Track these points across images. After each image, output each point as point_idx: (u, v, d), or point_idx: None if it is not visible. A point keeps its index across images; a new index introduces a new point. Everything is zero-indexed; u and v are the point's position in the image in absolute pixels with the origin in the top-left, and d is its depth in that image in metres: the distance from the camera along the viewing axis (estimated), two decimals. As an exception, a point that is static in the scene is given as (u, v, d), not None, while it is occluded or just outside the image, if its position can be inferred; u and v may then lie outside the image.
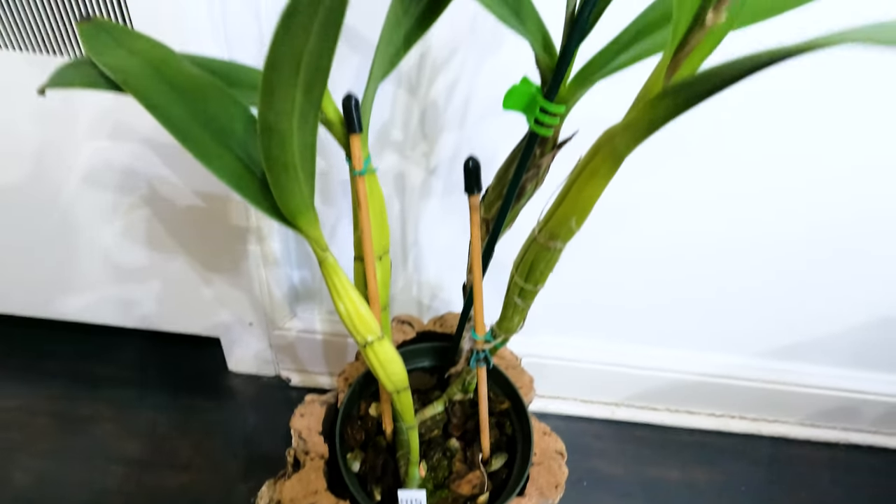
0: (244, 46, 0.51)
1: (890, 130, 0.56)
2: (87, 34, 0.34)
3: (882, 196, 0.62)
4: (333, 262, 0.33)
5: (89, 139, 0.59)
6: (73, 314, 0.78)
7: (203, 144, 0.31)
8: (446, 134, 0.59)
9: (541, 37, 0.31)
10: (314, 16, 0.22)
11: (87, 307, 0.77)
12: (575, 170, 0.25)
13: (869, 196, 0.62)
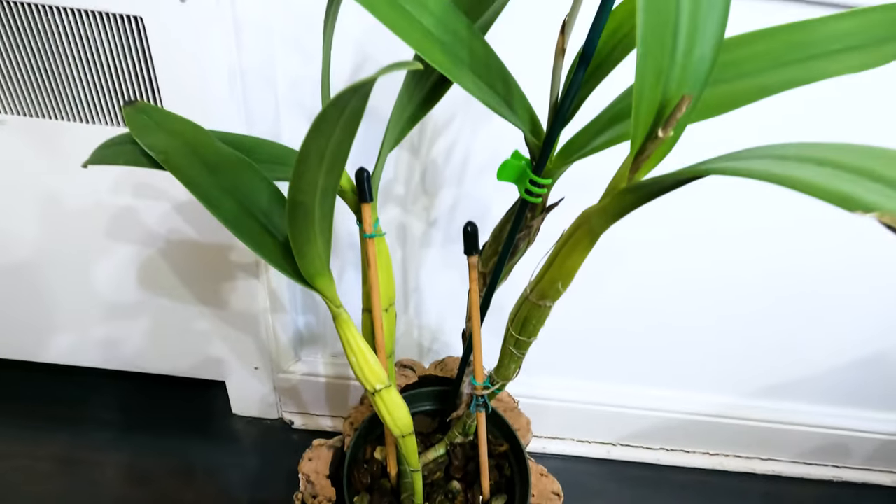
0: (263, 116, 0.57)
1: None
2: (131, 116, 0.39)
3: (857, 242, 0.66)
4: (347, 318, 0.37)
5: (114, 193, 0.63)
6: (78, 359, 0.81)
7: (232, 214, 0.36)
8: (445, 190, 0.64)
9: (529, 121, 0.36)
10: (339, 119, 0.27)
11: (95, 352, 0.80)
12: (559, 242, 0.29)
13: (845, 242, 0.66)
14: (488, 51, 0.35)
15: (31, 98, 0.56)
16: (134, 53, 0.52)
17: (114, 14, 0.50)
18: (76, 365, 0.81)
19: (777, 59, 0.31)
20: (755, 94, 0.30)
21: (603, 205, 0.25)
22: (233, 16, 0.50)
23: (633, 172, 0.23)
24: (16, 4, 0.50)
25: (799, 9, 0.49)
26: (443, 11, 0.33)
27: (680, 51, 0.21)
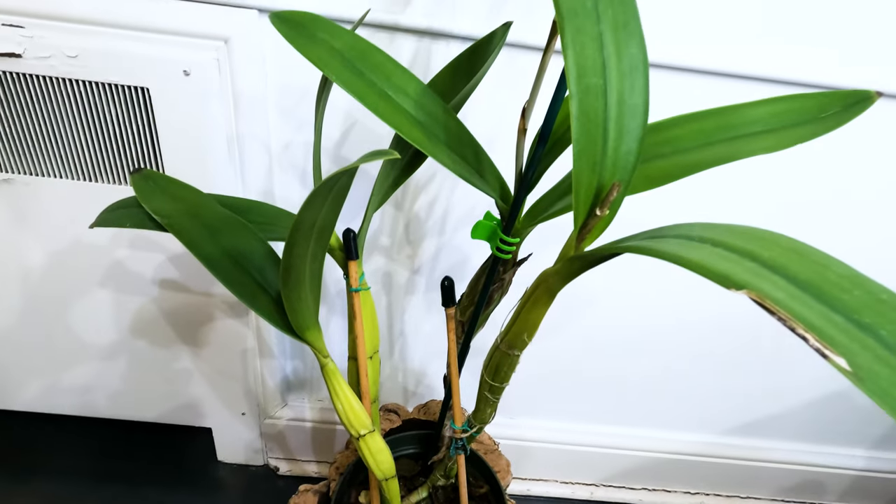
0: (256, 176, 0.61)
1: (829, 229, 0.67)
2: (138, 183, 0.42)
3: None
4: (333, 368, 0.40)
5: (110, 245, 0.66)
6: (55, 405, 0.81)
7: (229, 273, 0.39)
8: (428, 240, 0.68)
9: (499, 188, 0.41)
10: (328, 195, 0.31)
11: (74, 399, 0.80)
12: (522, 298, 0.33)
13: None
14: (461, 128, 0.40)
15: (38, 159, 0.60)
16: (138, 120, 0.57)
17: (122, 85, 0.55)
18: (53, 413, 0.82)
19: (707, 138, 0.36)
20: (689, 169, 0.35)
21: (557, 268, 0.29)
22: (232, 88, 0.55)
23: (579, 243, 0.27)
24: (31, 76, 0.54)
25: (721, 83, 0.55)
26: (420, 95, 0.38)
27: (610, 146, 0.25)
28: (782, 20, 0.52)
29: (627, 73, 0.25)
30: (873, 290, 0.19)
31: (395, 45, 0.54)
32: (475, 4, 0.51)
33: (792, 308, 0.18)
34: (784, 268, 0.20)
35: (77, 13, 0.51)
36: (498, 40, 0.42)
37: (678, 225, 0.24)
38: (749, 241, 0.21)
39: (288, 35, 0.36)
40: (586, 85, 0.24)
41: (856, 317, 0.18)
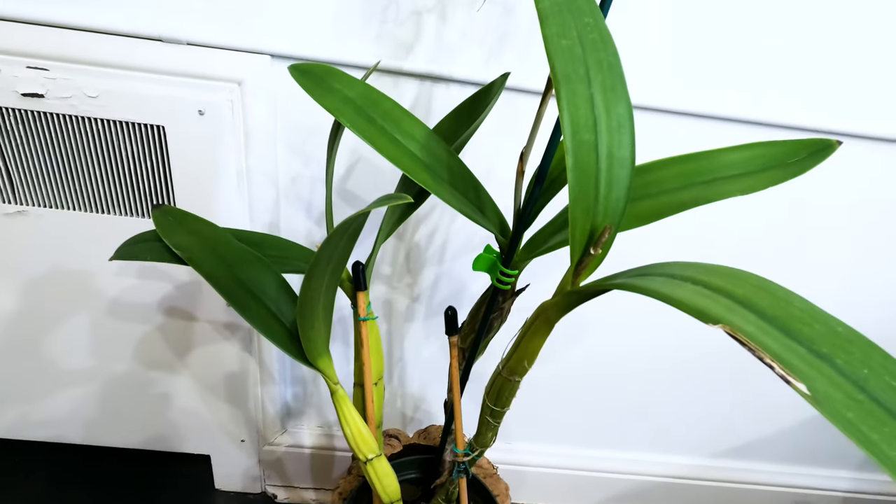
0: (264, 208, 0.64)
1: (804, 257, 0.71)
2: (158, 218, 0.45)
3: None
4: (343, 394, 0.42)
5: (118, 275, 0.68)
6: (55, 434, 0.81)
7: (246, 304, 0.41)
8: (427, 269, 0.70)
9: (498, 223, 0.44)
10: (343, 236, 0.33)
11: (78, 427, 0.81)
12: (523, 328, 0.36)
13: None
14: (463, 168, 0.43)
15: (52, 191, 0.62)
16: (152, 155, 0.60)
17: (138, 123, 0.58)
18: (52, 442, 0.82)
19: (689, 179, 0.40)
20: (674, 209, 0.38)
21: (555, 301, 0.32)
22: (244, 126, 0.58)
23: (575, 278, 0.30)
24: (52, 115, 0.57)
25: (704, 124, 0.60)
26: (426, 139, 0.42)
27: (601, 194, 0.28)
28: (755, 69, 0.57)
29: (616, 129, 0.28)
30: (830, 324, 0.22)
31: (399, 89, 0.58)
32: (473, 52, 0.55)
33: (760, 340, 0.20)
34: (754, 303, 0.23)
35: (100, 57, 0.54)
36: (497, 89, 0.45)
37: (663, 263, 0.27)
38: (724, 280, 0.24)
39: (306, 86, 0.39)
40: (580, 141, 0.27)
41: (815, 347, 0.21)
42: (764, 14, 0.54)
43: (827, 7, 0.54)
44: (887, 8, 0.54)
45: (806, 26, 0.55)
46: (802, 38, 0.56)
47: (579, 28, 0.29)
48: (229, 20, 0.53)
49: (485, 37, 0.55)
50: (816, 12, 0.54)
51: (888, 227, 0.68)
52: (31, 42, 0.54)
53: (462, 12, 0.54)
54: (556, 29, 0.28)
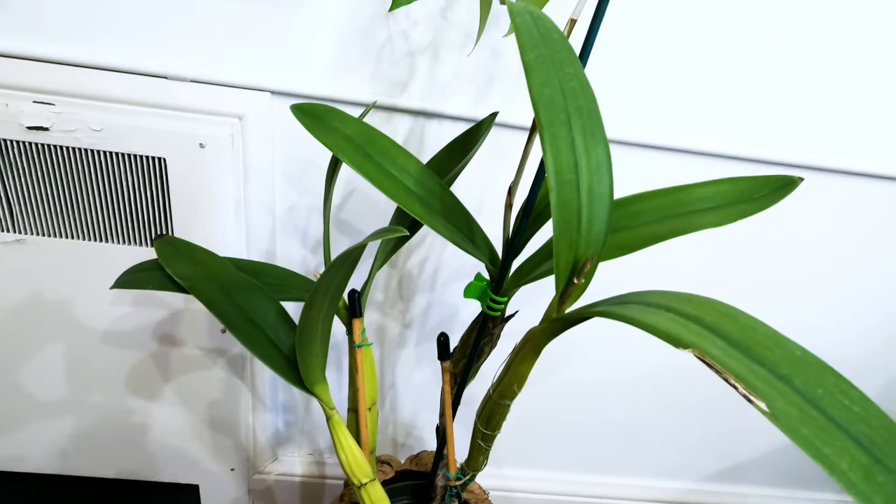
0: (260, 237, 0.65)
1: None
2: (160, 248, 0.47)
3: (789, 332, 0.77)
4: (338, 419, 0.43)
5: (114, 303, 0.68)
6: (41, 465, 0.80)
7: (246, 331, 0.43)
8: (419, 295, 0.72)
9: (488, 252, 0.46)
10: (342, 266, 0.35)
11: (64, 457, 0.80)
12: (512, 353, 0.38)
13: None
14: (455, 201, 0.45)
15: (51, 220, 0.63)
16: (153, 186, 0.61)
17: (140, 155, 0.60)
18: (36, 473, 0.80)
19: (666, 212, 0.42)
20: (652, 240, 0.41)
21: (542, 327, 0.34)
22: (243, 159, 0.61)
23: (560, 305, 0.32)
24: (55, 147, 0.59)
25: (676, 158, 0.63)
26: (419, 173, 0.44)
27: (583, 228, 0.31)
28: (728, 109, 0.61)
29: (595, 169, 0.31)
30: (789, 348, 0.24)
31: (394, 123, 0.60)
32: (464, 90, 0.59)
33: (726, 363, 0.23)
34: (721, 329, 0.25)
35: (106, 93, 0.57)
36: (486, 127, 0.48)
37: (642, 292, 0.30)
38: (695, 307, 0.26)
39: (307, 124, 0.42)
40: (563, 180, 0.30)
41: (775, 369, 0.23)
42: (733, 55, 0.58)
43: (794, 49, 0.58)
44: (852, 48, 0.59)
45: (772, 66, 0.59)
46: (770, 78, 0.60)
47: (560, 78, 0.32)
48: (232, 58, 0.56)
49: (475, 76, 0.58)
50: (784, 53, 0.59)
51: (854, 254, 0.72)
52: (39, 78, 0.56)
53: (453, 54, 0.57)
54: (539, 79, 0.31)
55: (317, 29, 0.55)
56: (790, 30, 0.57)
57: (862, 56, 0.59)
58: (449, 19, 0.56)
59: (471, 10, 0.55)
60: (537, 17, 0.33)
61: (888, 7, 0.56)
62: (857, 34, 0.58)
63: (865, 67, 0.60)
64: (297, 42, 0.55)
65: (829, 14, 0.56)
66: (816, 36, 0.58)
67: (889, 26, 0.57)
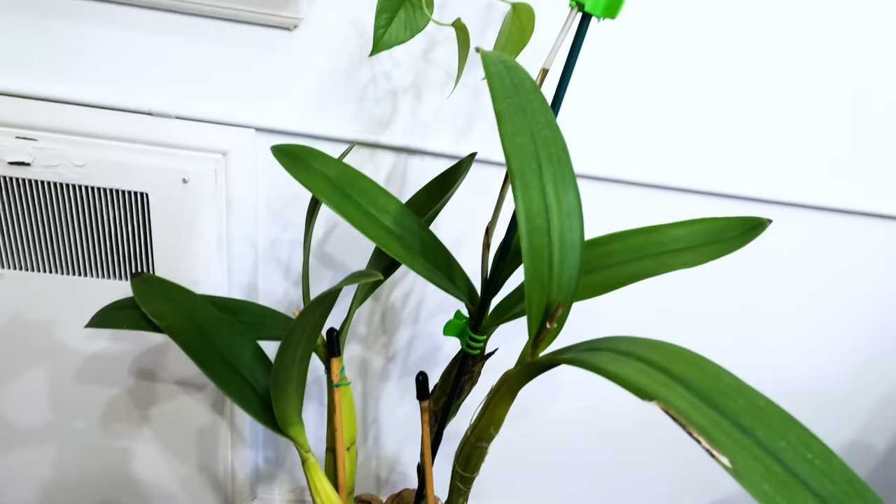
0: (241, 270, 0.65)
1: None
2: (137, 287, 0.46)
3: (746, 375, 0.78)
4: (314, 462, 0.43)
5: (92, 338, 0.67)
6: (21, 500, 0.77)
7: (221, 373, 0.42)
8: (403, 329, 0.72)
9: (467, 291, 0.46)
10: (317, 309, 0.35)
11: (36, 491, 0.77)
12: (488, 396, 0.38)
13: (743, 367, 0.78)
14: (434, 240, 0.46)
15: (30, 255, 0.63)
16: (135, 220, 0.61)
17: (122, 190, 0.60)
18: None
19: (640, 252, 0.43)
20: (626, 280, 0.42)
21: (517, 371, 0.34)
22: (226, 193, 0.61)
23: (534, 349, 0.32)
24: (37, 182, 0.59)
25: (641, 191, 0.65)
26: (399, 213, 0.45)
27: (555, 273, 0.31)
28: (699, 148, 0.63)
29: (566, 215, 0.32)
30: (754, 398, 0.24)
31: (376, 160, 0.61)
32: (445, 128, 0.60)
33: (690, 416, 0.23)
34: (687, 379, 0.25)
35: (89, 129, 0.57)
36: (465, 168, 0.49)
37: (612, 338, 0.30)
38: (663, 356, 0.27)
39: (287, 165, 0.42)
40: (533, 227, 0.30)
41: (739, 420, 0.23)
42: (701, 92, 0.60)
43: (762, 86, 0.61)
44: (817, 87, 0.61)
45: (740, 101, 0.61)
46: (738, 114, 0.62)
47: (532, 126, 0.32)
48: (217, 96, 0.57)
49: (456, 115, 0.60)
50: (752, 91, 0.61)
51: (827, 284, 0.73)
52: (21, 114, 0.56)
53: (435, 93, 0.58)
54: (511, 128, 0.31)
55: (302, 69, 0.56)
56: (758, 69, 0.59)
57: (827, 95, 0.61)
58: (430, 60, 0.57)
59: (451, 51, 0.57)
60: (511, 66, 0.34)
61: (857, 49, 0.59)
62: (825, 74, 0.60)
63: (833, 107, 0.62)
64: (283, 81, 0.56)
65: (796, 53, 0.59)
66: (780, 75, 0.60)
67: (854, 67, 0.60)
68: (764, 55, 0.59)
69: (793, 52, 0.59)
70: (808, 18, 0.57)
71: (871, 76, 0.60)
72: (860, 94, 0.61)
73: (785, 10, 0.57)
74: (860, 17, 0.57)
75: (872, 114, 0.62)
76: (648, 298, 0.71)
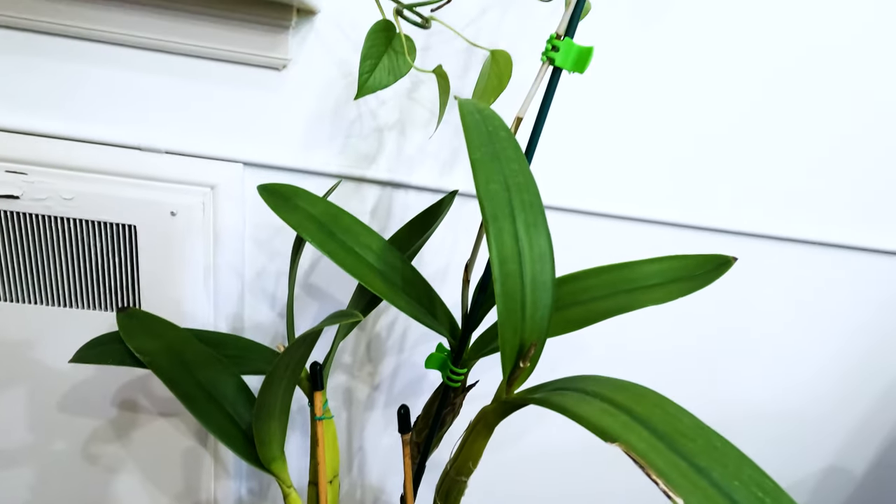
0: (228, 301, 0.66)
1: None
2: (123, 322, 0.47)
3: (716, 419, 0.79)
4: (296, 497, 0.43)
5: (74, 367, 0.67)
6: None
7: (203, 408, 0.43)
8: (388, 358, 0.73)
9: (449, 326, 0.47)
10: (300, 347, 0.36)
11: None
12: (466, 431, 0.39)
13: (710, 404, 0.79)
14: (416, 275, 0.47)
15: (16, 286, 0.63)
16: (122, 252, 0.62)
17: (111, 223, 0.60)
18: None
19: (614, 288, 0.45)
20: (601, 315, 0.43)
21: (493, 407, 0.35)
22: (214, 226, 0.62)
23: (508, 387, 0.34)
24: (25, 215, 0.59)
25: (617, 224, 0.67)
26: (382, 250, 0.46)
27: (528, 314, 0.33)
28: (670, 184, 0.65)
29: (538, 259, 0.33)
30: (711, 438, 0.26)
31: (362, 193, 0.63)
32: (429, 163, 0.62)
33: (649, 458, 0.24)
34: (649, 420, 0.26)
35: (79, 163, 0.58)
36: (446, 205, 0.51)
37: (581, 377, 0.31)
38: (627, 397, 0.28)
39: (273, 204, 0.43)
40: (506, 271, 0.32)
41: (695, 461, 0.24)
42: (672, 131, 0.63)
43: (720, 122, 0.63)
44: (788, 119, 0.64)
45: (707, 137, 0.64)
46: (707, 148, 0.65)
47: (506, 173, 0.34)
48: (206, 131, 0.58)
49: (440, 150, 0.62)
50: (721, 127, 0.64)
51: (803, 315, 0.76)
52: (13, 149, 0.57)
53: (419, 130, 0.60)
54: (485, 176, 0.33)
55: (290, 107, 0.58)
56: (727, 102, 0.62)
57: (797, 129, 0.64)
58: (414, 99, 0.59)
59: (434, 90, 0.59)
60: (486, 115, 0.37)
61: (823, 79, 0.62)
62: (794, 105, 0.63)
63: (802, 139, 0.65)
64: (271, 118, 0.58)
65: (766, 85, 0.62)
66: (751, 106, 0.63)
67: (822, 97, 0.63)
68: (731, 98, 0.62)
69: (758, 92, 0.62)
70: (772, 58, 0.60)
71: (835, 113, 0.64)
72: (820, 132, 0.64)
73: (750, 51, 0.60)
74: (823, 52, 0.61)
75: (823, 150, 0.65)
76: (626, 327, 0.73)
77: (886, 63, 0.62)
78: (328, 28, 0.56)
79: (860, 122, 0.64)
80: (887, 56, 0.61)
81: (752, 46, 0.60)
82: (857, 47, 0.61)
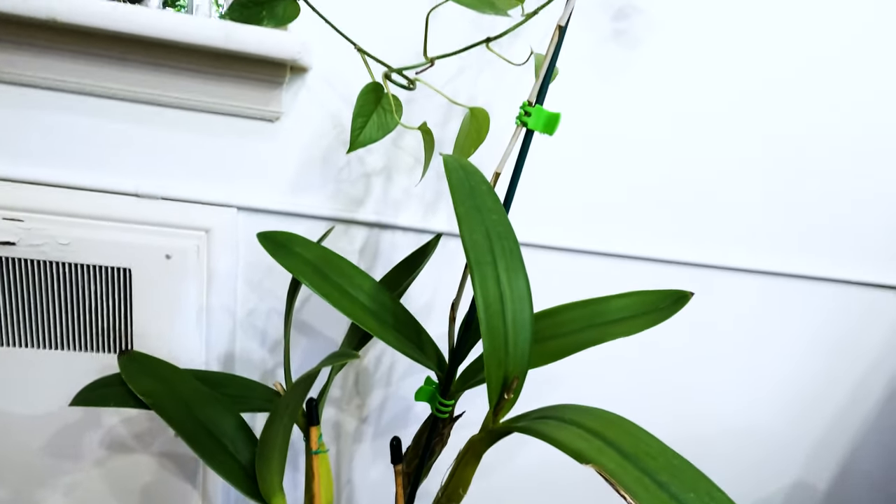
0: (219, 339, 0.68)
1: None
2: (125, 365, 0.49)
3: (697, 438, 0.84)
4: (295, 530, 0.45)
5: (63, 409, 0.67)
6: None
7: (205, 445, 0.45)
8: (376, 390, 0.75)
9: (436, 360, 0.51)
10: (300, 386, 0.39)
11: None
12: (456, 459, 0.42)
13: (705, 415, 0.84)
14: (405, 313, 0.51)
15: (10, 330, 0.64)
16: (116, 294, 0.64)
17: (106, 267, 0.62)
18: None
19: (588, 321, 0.49)
20: (577, 347, 0.47)
21: (481, 437, 0.39)
22: (207, 268, 0.64)
23: (495, 417, 0.37)
24: (21, 260, 0.61)
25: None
26: (373, 290, 0.50)
27: (510, 349, 0.37)
28: (639, 220, 0.71)
29: (518, 300, 0.37)
30: (669, 457, 0.30)
31: (351, 234, 0.67)
32: (414, 206, 0.66)
33: (619, 477, 0.28)
34: (618, 443, 0.30)
35: (75, 210, 0.60)
36: (431, 248, 0.55)
37: (560, 406, 0.35)
38: (600, 424, 0.32)
39: (271, 250, 0.47)
40: (491, 312, 0.36)
41: (657, 476, 0.28)
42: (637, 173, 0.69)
43: (682, 160, 0.70)
44: (753, 154, 0.71)
45: (673, 174, 0.70)
46: (672, 184, 0.71)
47: (487, 224, 0.39)
48: (202, 179, 0.62)
49: (424, 193, 0.66)
50: (690, 166, 0.70)
51: (766, 342, 0.81)
52: (10, 197, 0.59)
53: (405, 175, 0.65)
54: (469, 227, 0.38)
55: (283, 155, 0.62)
56: (690, 140, 0.69)
57: (762, 163, 0.71)
58: (400, 146, 0.64)
59: (418, 139, 0.64)
60: (469, 171, 0.41)
61: (788, 114, 0.69)
62: (759, 141, 0.70)
63: (764, 175, 0.72)
64: (265, 165, 0.62)
65: (733, 120, 0.69)
66: (713, 144, 0.70)
67: (786, 133, 0.70)
68: (687, 146, 0.68)
69: (709, 144, 0.68)
70: (716, 107, 0.67)
71: (781, 155, 0.71)
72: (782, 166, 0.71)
73: (696, 101, 0.67)
74: (758, 95, 0.68)
75: (778, 187, 0.72)
76: (600, 357, 0.77)
77: (825, 99, 0.69)
78: (318, 84, 0.60)
79: (804, 163, 0.71)
80: (819, 92, 0.69)
81: (699, 95, 0.67)
82: (797, 88, 0.68)
